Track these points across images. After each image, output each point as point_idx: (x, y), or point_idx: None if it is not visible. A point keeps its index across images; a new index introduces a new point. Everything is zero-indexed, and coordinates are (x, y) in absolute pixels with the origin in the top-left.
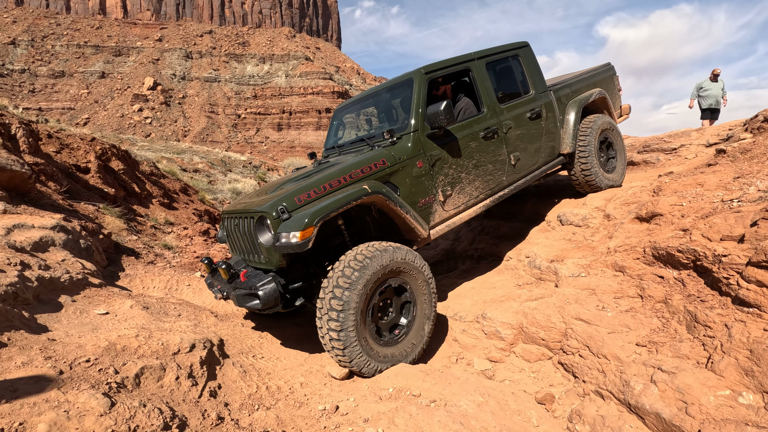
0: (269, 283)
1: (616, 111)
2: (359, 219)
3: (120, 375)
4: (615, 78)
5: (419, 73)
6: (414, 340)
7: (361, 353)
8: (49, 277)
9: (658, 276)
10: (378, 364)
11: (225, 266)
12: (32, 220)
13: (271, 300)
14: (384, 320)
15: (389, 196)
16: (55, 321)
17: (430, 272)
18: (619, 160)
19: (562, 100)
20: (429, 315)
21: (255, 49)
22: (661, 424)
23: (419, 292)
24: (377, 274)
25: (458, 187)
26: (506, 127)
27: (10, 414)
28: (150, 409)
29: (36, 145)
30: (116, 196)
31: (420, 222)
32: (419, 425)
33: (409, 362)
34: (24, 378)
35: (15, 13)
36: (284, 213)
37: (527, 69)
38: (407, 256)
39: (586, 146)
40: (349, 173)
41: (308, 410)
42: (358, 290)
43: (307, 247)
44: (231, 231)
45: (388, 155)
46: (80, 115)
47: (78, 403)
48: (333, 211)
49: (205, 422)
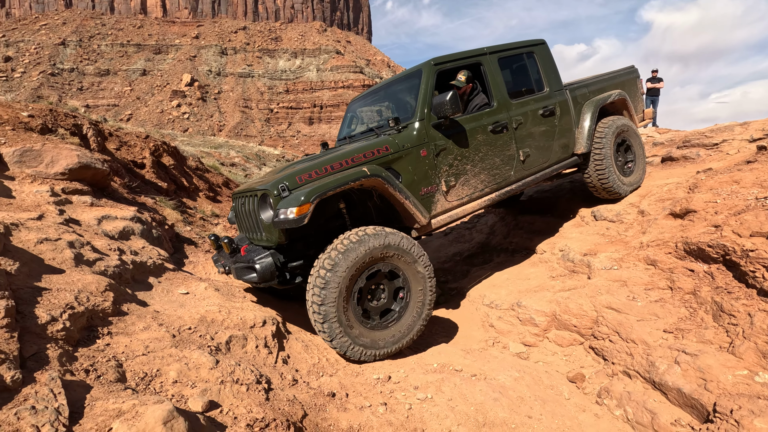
0: (267, 258)
1: (638, 115)
2: (362, 204)
3: (215, 341)
4: (638, 81)
5: (428, 64)
6: (404, 328)
7: (342, 334)
8: (139, 261)
9: (689, 269)
10: (362, 348)
11: (227, 241)
12: (114, 212)
13: (267, 274)
14: (373, 304)
15: (389, 180)
16: (149, 298)
17: (427, 261)
18: (638, 164)
19: (578, 100)
20: (424, 303)
21: (287, 44)
22: (681, 398)
23: (413, 279)
24: (363, 258)
25: (462, 179)
26: (516, 123)
27: (150, 363)
28: (244, 368)
29: (103, 144)
30: (168, 189)
31: (420, 209)
32: (463, 393)
33: (396, 349)
34: (148, 338)
35: (65, 15)
36: (285, 191)
37: (542, 67)
38: (401, 243)
39: (602, 148)
40: (351, 157)
41: (364, 378)
42: (340, 272)
43: (303, 222)
44: (238, 210)
45: (392, 142)
46: (123, 111)
47: (192, 358)
48: (330, 190)
49: (284, 382)
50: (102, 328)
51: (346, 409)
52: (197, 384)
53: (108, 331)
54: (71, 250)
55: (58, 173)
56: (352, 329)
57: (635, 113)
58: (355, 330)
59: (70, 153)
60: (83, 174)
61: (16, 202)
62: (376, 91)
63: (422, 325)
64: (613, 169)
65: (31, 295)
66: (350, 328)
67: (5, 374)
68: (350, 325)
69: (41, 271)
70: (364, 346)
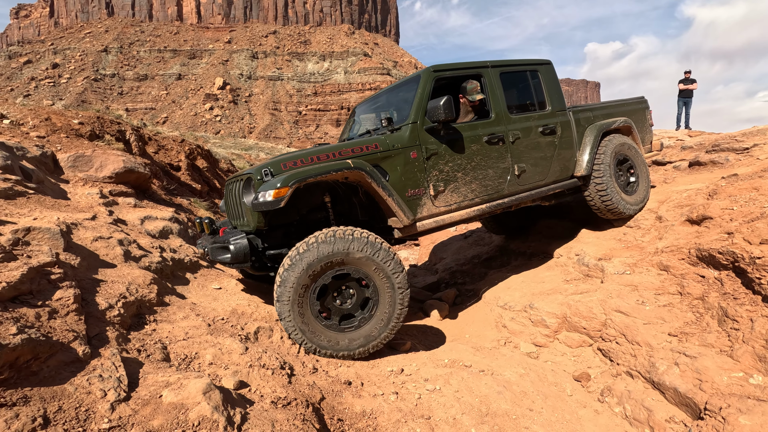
0: (242, 239)
1: (646, 145)
2: (347, 200)
3: (244, 330)
4: (648, 112)
5: (428, 70)
6: (365, 336)
7: (295, 329)
8: (177, 258)
9: (700, 275)
10: (316, 346)
11: (208, 221)
12: (155, 213)
13: (241, 255)
14: (336, 303)
15: (372, 174)
16: (187, 291)
17: (397, 269)
18: (641, 181)
19: (581, 123)
20: (392, 315)
21: (316, 47)
22: (677, 397)
23: (381, 287)
24: (320, 262)
25: (452, 186)
26: (513, 136)
27: (189, 347)
28: (269, 355)
29: (143, 148)
30: (202, 191)
31: (404, 209)
32: (469, 386)
33: (359, 354)
34: (187, 326)
35: (107, 23)
36: (268, 176)
37: (546, 86)
38: (364, 249)
39: (601, 164)
40: (339, 150)
41: (379, 370)
42: (297, 272)
43: (279, 205)
44: (227, 197)
45: (382, 141)
46: (160, 114)
47: (225, 344)
48: (311, 177)
49: (304, 370)
50: (148, 315)
51: (361, 396)
52: (229, 366)
53: (154, 319)
54: (121, 247)
55: (106, 177)
56: (307, 326)
57: (641, 143)
58: (310, 327)
59: (116, 158)
60: (128, 177)
61: (72, 204)
62: (378, 97)
63: (387, 335)
64: (615, 186)
65: (91, 285)
66: (305, 325)
67: (78, 348)
68: (305, 322)
69: (97, 265)
70: (320, 345)
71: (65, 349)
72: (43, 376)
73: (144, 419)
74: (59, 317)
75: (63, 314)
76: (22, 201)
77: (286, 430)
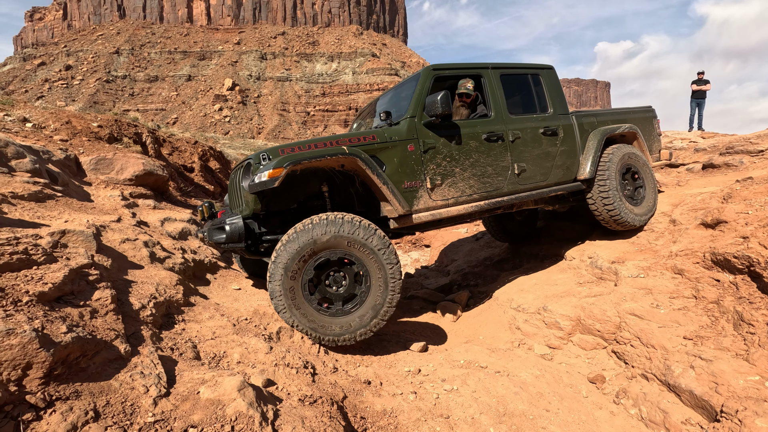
0: (237, 220)
1: (653, 154)
2: (344, 190)
3: (267, 330)
4: (655, 121)
5: (428, 69)
6: (355, 321)
7: (285, 309)
8: (198, 259)
9: (715, 279)
10: (308, 328)
11: (207, 204)
12: (173, 214)
13: (235, 235)
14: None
15: (367, 162)
16: (209, 292)
17: (392, 258)
18: (648, 191)
19: (584, 127)
20: (382, 302)
21: (324, 48)
22: (693, 399)
23: (372, 273)
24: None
25: (450, 180)
26: (513, 135)
27: (218, 346)
28: (293, 354)
29: (159, 150)
30: (215, 192)
31: (399, 199)
32: (486, 386)
33: (347, 339)
34: (214, 325)
35: (119, 25)
36: (266, 160)
37: (548, 90)
38: (354, 232)
39: (605, 171)
40: (337, 139)
41: (396, 371)
42: (289, 252)
43: (274, 185)
44: (230, 185)
45: (380, 133)
46: (170, 115)
47: (251, 344)
48: (305, 159)
49: (326, 369)
50: (177, 315)
51: (380, 395)
52: (256, 365)
53: (182, 318)
54: (147, 249)
55: (126, 179)
56: (298, 309)
57: (648, 151)
58: (302, 311)
59: (136, 161)
60: (147, 179)
61: (97, 206)
62: (382, 97)
63: (379, 321)
64: (620, 196)
65: (123, 286)
66: (296, 308)
67: (120, 346)
68: (296, 305)
69: (126, 266)
70: (311, 327)
71: (108, 347)
72: (91, 373)
73: (185, 414)
74: (99, 316)
75: (103, 314)
76: (52, 204)
77: (315, 426)
